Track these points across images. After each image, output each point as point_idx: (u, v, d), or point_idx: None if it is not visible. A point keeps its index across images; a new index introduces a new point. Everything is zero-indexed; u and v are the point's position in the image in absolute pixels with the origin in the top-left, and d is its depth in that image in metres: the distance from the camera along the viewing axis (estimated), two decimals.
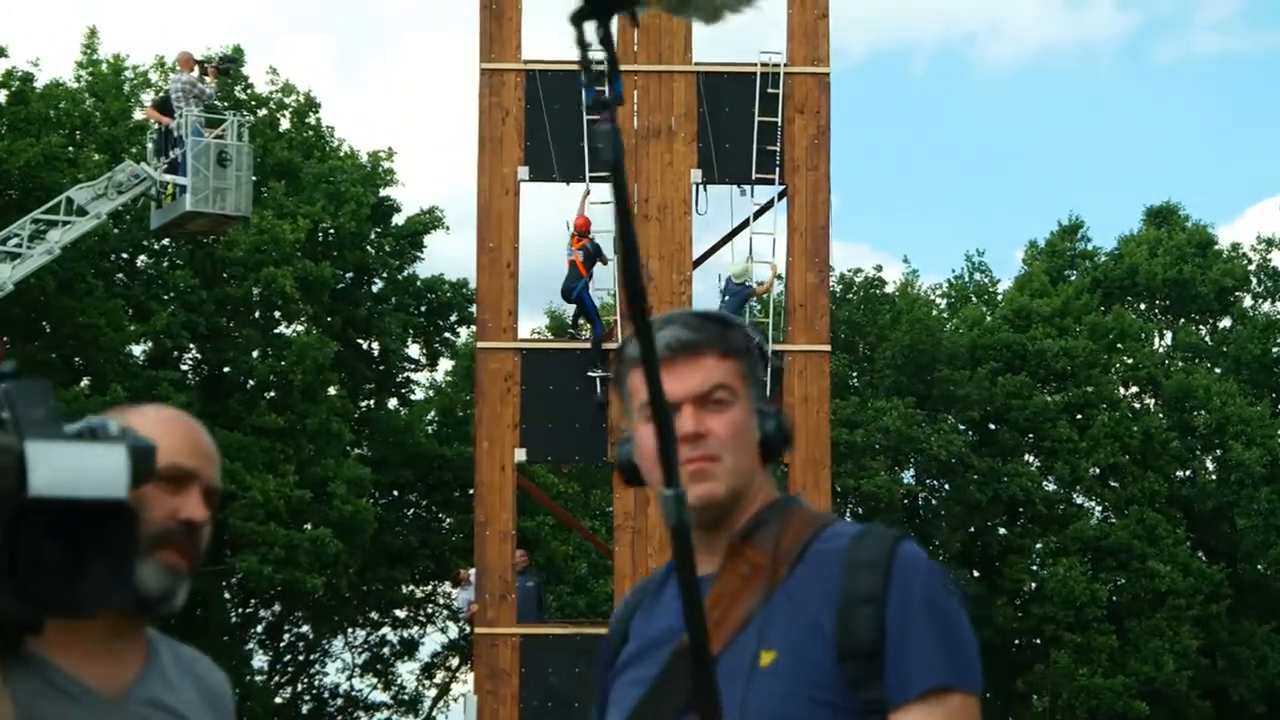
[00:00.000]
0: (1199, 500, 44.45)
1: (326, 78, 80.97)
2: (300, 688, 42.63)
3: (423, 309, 42.34)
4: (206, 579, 34.10)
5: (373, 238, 40.90)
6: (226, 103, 34.46)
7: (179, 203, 25.28)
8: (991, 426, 44.50)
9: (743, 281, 22.99)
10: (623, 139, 1.79)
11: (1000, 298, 49.06)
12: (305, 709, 42.28)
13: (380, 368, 41.80)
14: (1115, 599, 42.55)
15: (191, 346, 37.77)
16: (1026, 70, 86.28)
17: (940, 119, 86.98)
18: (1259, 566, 44.48)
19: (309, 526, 35.39)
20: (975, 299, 49.27)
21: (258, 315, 38.40)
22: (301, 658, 42.82)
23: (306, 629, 42.28)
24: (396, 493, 41.76)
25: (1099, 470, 44.34)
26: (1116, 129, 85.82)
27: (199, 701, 2.63)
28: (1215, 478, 45.25)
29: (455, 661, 43.65)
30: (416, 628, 43.96)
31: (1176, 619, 41.78)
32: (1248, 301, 49.77)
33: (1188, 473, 46.10)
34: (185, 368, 38.32)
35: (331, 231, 39.08)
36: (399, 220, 41.71)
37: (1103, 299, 47.86)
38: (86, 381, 34.59)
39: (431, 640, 44.17)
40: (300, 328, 38.42)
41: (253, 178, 26.97)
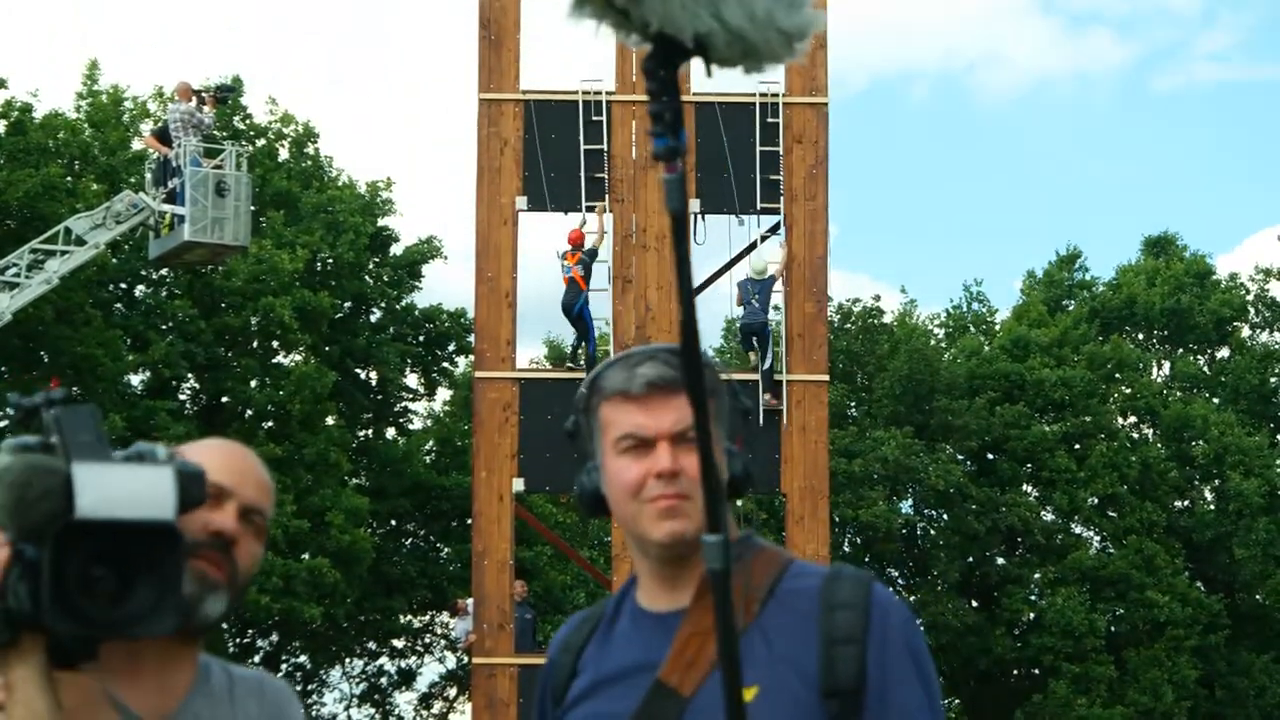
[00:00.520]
0: (1197, 530, 44.41)
1: (325, 108, 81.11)
2: None
3: (421, 339, 42.37)
4: None
5: (371, 267, 40.96)
6: (225, 132, 34.52)
7: (177, 232, 25.30)
8: (990, 456, 44.48)
9: (766, 274, 22.81)
10: (682, 200, 1.77)
11: (998, 327, 49.08)
12: None
13: (378, 397, 41.80)
14: (1114, 629, 42.50)
15: (190, 376, 37.77)
16: (1025, 100, 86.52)
17: (939, 149, 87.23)
18: (1257, 596, 44.42)
19: (307, 556, 35.36)
20: (973, 329, 49.29)
21: (256, 345, 38.40)
22: (299, 688, 42.72)
23: (304, 659, 42.20)
24: (394, 522, 41.73)
25: (1097, 500, 44.30)
26: (1114, 159, 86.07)
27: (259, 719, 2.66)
28: (1213, 508, 45.20)
29: (453, 692, 43.58)
30: (414, 658, 43.92)
31: (1175, 649, 41.71)
32: (1246, 331, 49.79)
33: (1186, 503, 46.05)
34: (183, 397, 38.31)
35: (330, 261, 39.12)
36: (397, 250, 41.77)
37: (1101, 329, 47.87)
38: None
39: (429, 670, 44.17)
40: (298, 357, 38.44)
41: (251, 207, 26.99)
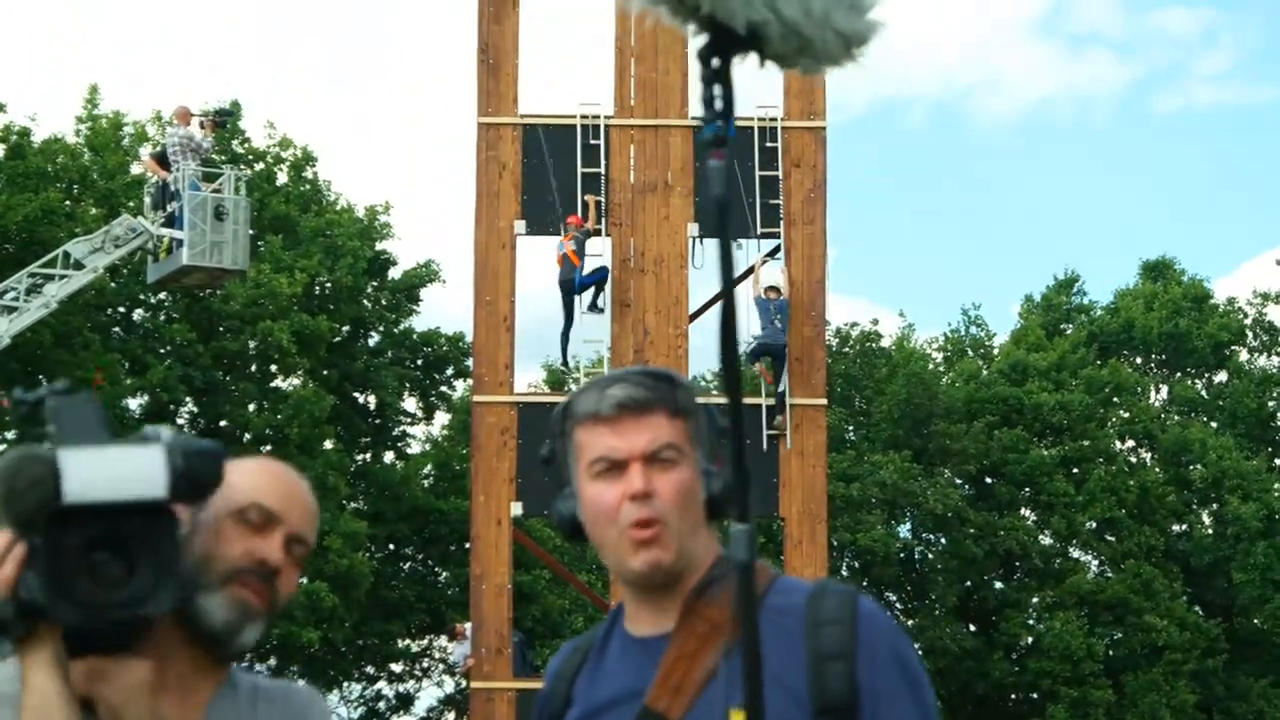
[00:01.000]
0: (1195, 554, 44.39)
1: (324, 132, 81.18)
2: None
3: (419, 362, 42.37)
4: None
5: (369, 291, 40.97)
6: (224, 156, 34.55)
7: (176, 256, 25.29)
8: (988, 480, 44.47)
9: (779, 293, 22.62)
10: (724, 186, 1.80)
11: (996, 352, 49.10)
12: None
13: (376, 421, 41.78)
14: (1112, 653, 42.43)
15: (188, 400, 37.76)
16: (1023, 123, 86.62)
17: (937, 172, 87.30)
18: (1255, 620, 44.36)
19: (304, 580, 35.30)
20: (971, 353, 49.31)
21: (254, 369, 38.40)
22: None
23: (302, 683, 42.08)
24: (392, 546, 41.67)
25: (1095, 524, 44.27)
26: (1112, 183, 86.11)
27: None
28: (1211, 532, 45.19)
29: (451, 716, 43.49)
30: (412, 682, 43.82)
31: (1173, 673, 41.65)
32: (1244, 356, 49.84)
33: (1184, 527, 46.02)
34: (181, 421, 38.26)
35: (328, 285, 39.12)
36: (395, 274, 41.79)
37: (1099, 353, 47.89)
38: None
39: (427, 695, 44.09)
40: (296, 381, 38.41)
41: (249, 231, 27.00)
